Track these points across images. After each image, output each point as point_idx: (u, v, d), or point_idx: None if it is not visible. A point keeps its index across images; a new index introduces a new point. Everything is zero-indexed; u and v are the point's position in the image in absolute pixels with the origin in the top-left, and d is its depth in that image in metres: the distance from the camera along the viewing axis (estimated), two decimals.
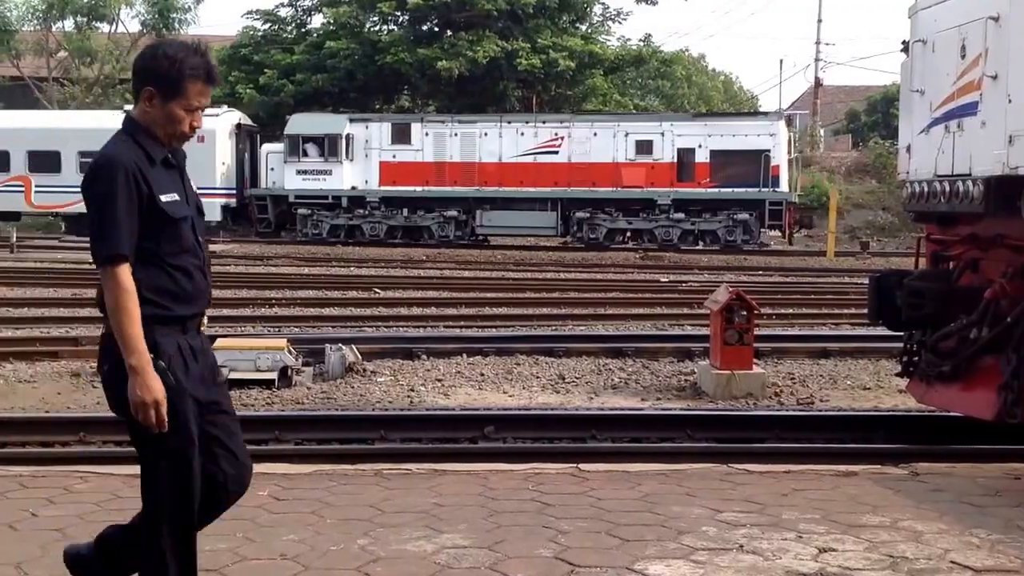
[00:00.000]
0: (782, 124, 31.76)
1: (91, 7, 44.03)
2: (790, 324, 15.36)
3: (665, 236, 31.74)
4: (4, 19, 43.26)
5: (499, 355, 12.02)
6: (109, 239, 3.40)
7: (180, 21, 45.29)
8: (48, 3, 43.35)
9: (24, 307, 16.38)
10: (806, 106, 50.69)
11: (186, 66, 3.53)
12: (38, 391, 10.10)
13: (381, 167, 33.03)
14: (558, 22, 40.75)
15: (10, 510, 5.25)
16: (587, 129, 32.31)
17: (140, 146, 3.53)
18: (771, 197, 30.81)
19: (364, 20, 40.52)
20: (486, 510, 5.37)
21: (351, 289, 19.95)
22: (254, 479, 5.90)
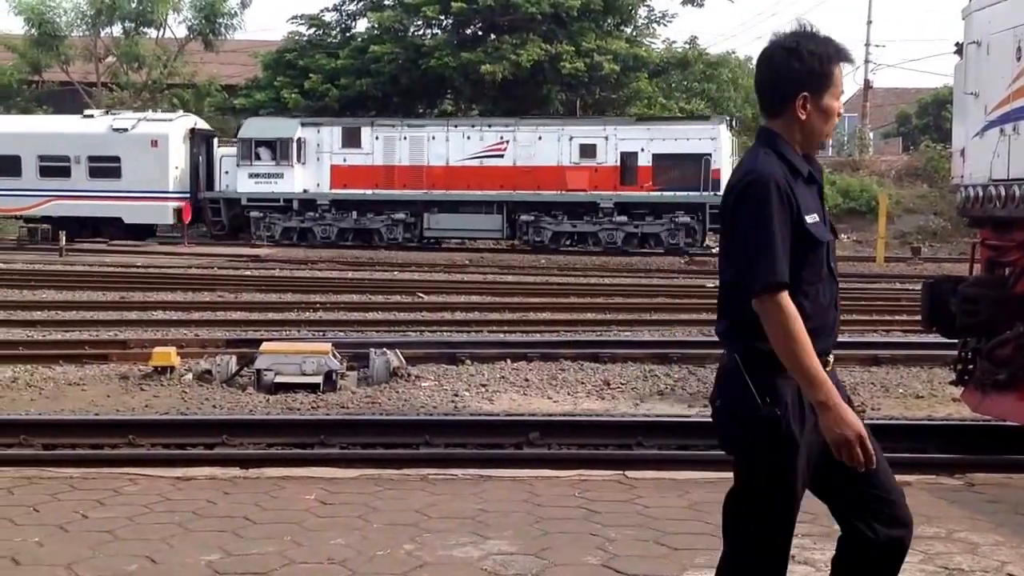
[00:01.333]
0: (723, 128, 32.05)
1: (139, 13, 44.55)
2: (840, 331, 15.16)
3: (609, 239, 32.03)
4: (54, 25, 43.85)
5: (543, 360, 11.97)
6: (768, 265, 3.04)
7: (226, 26, 45.74)
8: (97, 9, 43.89)
9: (73, 310, 16.55)
10: (855, 109, 50.16)
11: (829, 51, 3.23)
12: (87, 393, 10.19)
13: (332, 170, 33.42)
14: (602, 25, 40.65)
15: (61, 511, 5.29)
16: (532, 133, 32.69)
17: (785, 159, 3.19)
18: (711, 200, 30.67)
19: (408, 24, 40.64)
20: (532, 517, 5.33)
21: (395, 293, 20.00)
22: (301, 482, 5.97)
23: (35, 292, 19.28)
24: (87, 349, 12.21)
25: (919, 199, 38.69)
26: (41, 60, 44.61)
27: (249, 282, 21.64)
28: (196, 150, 35.28)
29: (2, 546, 4.72)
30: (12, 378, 10.72)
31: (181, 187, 34.60)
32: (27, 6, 43.23)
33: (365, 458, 7.32)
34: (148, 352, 11.30)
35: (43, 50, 44.08)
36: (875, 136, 49.16)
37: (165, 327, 14.55)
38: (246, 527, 5.08)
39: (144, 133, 34.29)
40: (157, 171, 33.88)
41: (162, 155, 33.90)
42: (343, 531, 5.03)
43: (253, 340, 12.39)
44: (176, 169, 34.36)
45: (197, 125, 36.09)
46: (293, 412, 9.39)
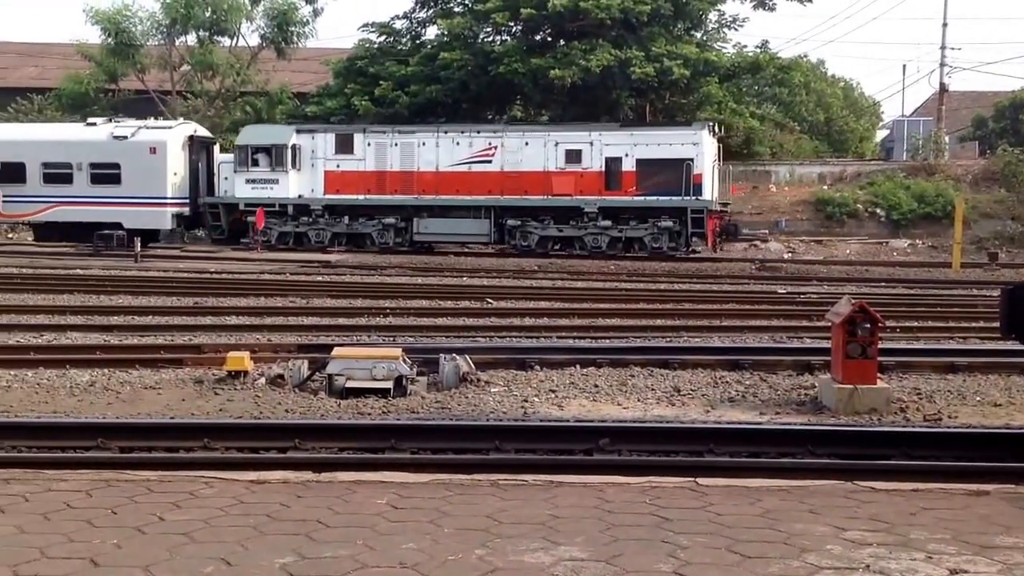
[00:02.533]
0: (705, 133, 32.16)
1: (213, 22, 45.29)
2: (915, 337, 14.92)
3: (594, 243, 32.38)
4: (130, 34, 44.76)
5: (613, 366, 11.93)
6: None
7: (298, 34, 46.30)
8: (172, 18, 44.73)
9: (148, 315, 16.84)
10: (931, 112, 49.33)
11: None
12: (163, 397, 10.36)
13: (326, 176, 34.18)
14: (672, 30, 40.49)
15: (138, 514, 5.37)
16: (519, 139, 33.14)
17: None
18: (693, 205, 31.36)
19: (478, 31, 40.85)
20: (603, 523, 5.30)
21: (463, 299, 20.05)
22: (372, 487, 6.01)
23: (112, 297, 19.66)
24: (162, 354, 12.42)
25: (996, 204, 37.91)
26: (117, 69, 45.58)
27: (320, 287, 21.87)
28: (195, 157, 35.99)
29: (81, 548, 4.80)
30: (90, 382, 10.94)
31: (180, 193, 35.37)
32: (104, 16, 44.21)
33: (435, 463, 7.35)
34: (222, 357, 11.45)
35: (119, 59, 45.04)
36: (951, 140, 48.24)
37: (238, 332, 14.74)
38: (319, 530, 5.12)
39: (143, 140, 35.01)
40: (155, 177, 34.63)
41: (160, 162, 34.61)
42: (414, 536, 5.04)
43: (324, 345, 12.52)
44: (175, 175, 35.07)
45: (197, 132, 36.79)
46: (364, 417, 9.46)
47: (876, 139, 61.62)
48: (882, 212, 38.39)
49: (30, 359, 11.88)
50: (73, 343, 13.58)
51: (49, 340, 13.91)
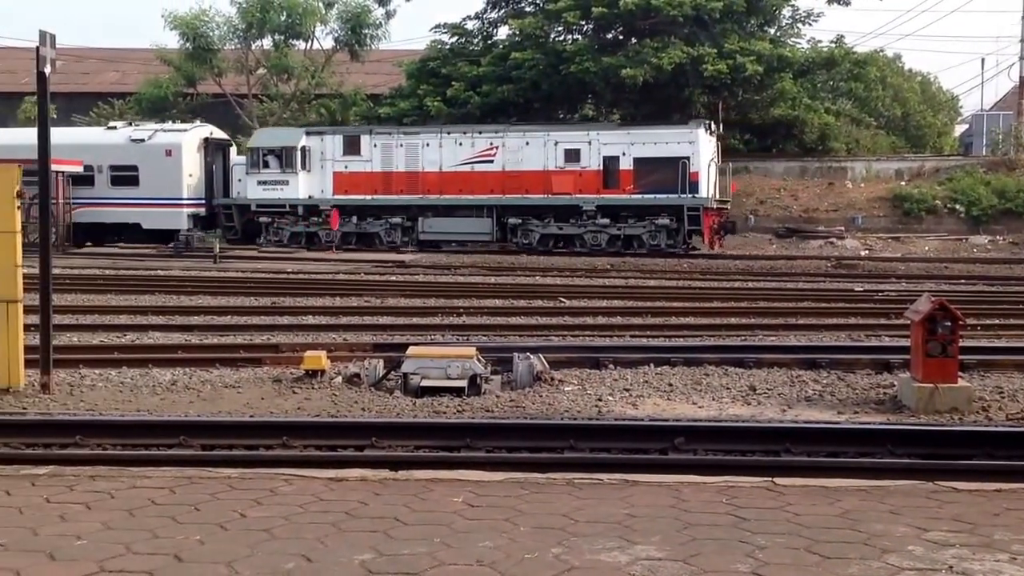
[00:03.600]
0: (701, 131, 32.33)
1: (288, 25, 45.83)
2: (996, 335, 14.61)
3: (593, 241, 32.86)
4: (207, 39, 45.49)
5: (687, 365, 11.86)
6: None
7: (372, 37, 46.66)
8: (248, 22, 45.34)
9: (227, 315, 17.12)
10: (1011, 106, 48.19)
11: None
12: (242, 396, 10.52)
13: (335, 177, 34.92)
14: (745, 26, 40.09)
15: (220, 510, 5.47)
16: (519, 139, 33.71)
17: None
18: (689, 203, 31.75)
19: (549, 30, 40.82)
20: (680, 523, 5.28)
21: (536, 298, 20.08)
22: (449, 485, 6.05)
23: (192, 298, 20.03)
24: (241, 353, 12.62)
25: None
26: (195, 73, 46.35)
27: (394, 287, 22.05)
28: (211, 159, 36.65)
29: (165, 544, 4.91)
30: (172, 381, 11.16)
31: (195, 194, 36.10)
32: (182, 21, 44.97)
33: (510, 461, 7.37)
34: (299, 356, 11.61)
35: (197, 63, 45.79)
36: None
37: (315, 331, 14.93)
38: (397, 528, 5.17)
39: (159, 143, 35.75)
40: (171, 179, 35.39)
41: (176, 164, 35.35)
42: (491, 534, 5.07)
43: (399, 344, 12.62)
44: (190, 177, 35.79)
45: (213, 135, 37.43)
46: (439, 415, 9.52)
47: (955, 134, 60.38)
48: (961, 208, 37.63)
49: (114, 359, 12.15)
50: (155, 343, 13.87)
51: (132, 340, 14.21)
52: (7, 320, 10.25)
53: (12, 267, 10.30)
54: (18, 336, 10.30)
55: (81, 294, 20.12)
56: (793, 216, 38.74)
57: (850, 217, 37.97)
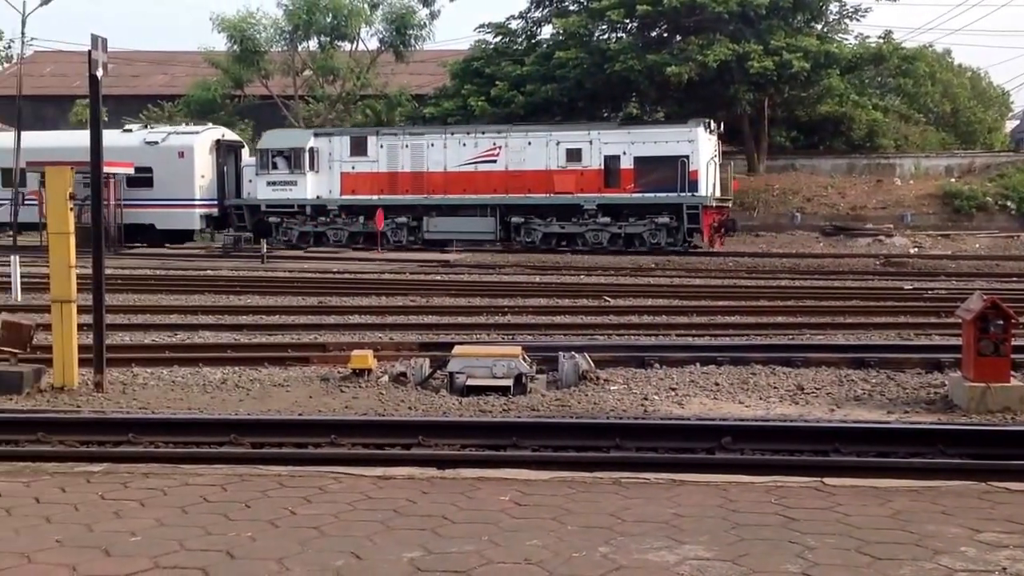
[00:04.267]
0: (700, 131, 32.51)
1: (334, 27, 46.14)
2: None
3: (595, 240, 33.20)
4: (254, 41, 45.91)
5: (734, 364, 11.80)
6: None
7: (416, 37, 46.85)
8: (295, 25, 45.71)
9: (275, 315, 17.27)
10: None
11: None
12: (291, 394, 10.62)
13: (342, 177, 35.49)
14: (792, 22, 39.79)
15: (271, 508, 5.53)
16: (522, 139, 34.06)
17: None
18: (688, 201, 31.96)
19: (593, 29, 40.77)
20: (728, 523, 5.26)
21: (581, 297, 20.06)
22: (495, 483, 6.07)
23: (240, 297, 20.23)
24: (290, 352, 12.73)
25: None
26: (243, 75, 46.81)
27: (439, 286, 22.13)
28: (222, 160, 37.15)
29: (218, 540, 4.97)
30: (222, 379, 11.28)
31: (207, 195, 36.67)
32: (230, 24, 45.42)
33: (557, 460, 7.38)
34: (346, 355, 11.69)
35: (244, 65, 46.24)
36: None
37: (361, 331, 15.02)
38: (445, 526, 5.20)
39: (172, 145, 36.36)
40: (184, 180, 35.99)
41: (188, 165, 35.95)
42: (538, 532, 5.08)
43: (445, 343, 12.68)
44: (202, 178, 36.36)
45: (225, 137, 38.01)
46: (485, 414, 9.55)
47: (1006, 130, 59.55)
48: (1013, 205, 37.11)
49: (165, 357, 12.31)
50: (205, 342, 14.02)
51: (183, 339, 14.38)
52: (62, 320, 10.42)
53: (66, 268, 10.47)
54: (72, 336, 10.47)
55: (132, 294, 20.39)
56: (840, 214, 38.41)
57: (899, 214, 37.59)
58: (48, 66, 58.49)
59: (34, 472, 6.38)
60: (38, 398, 10.17)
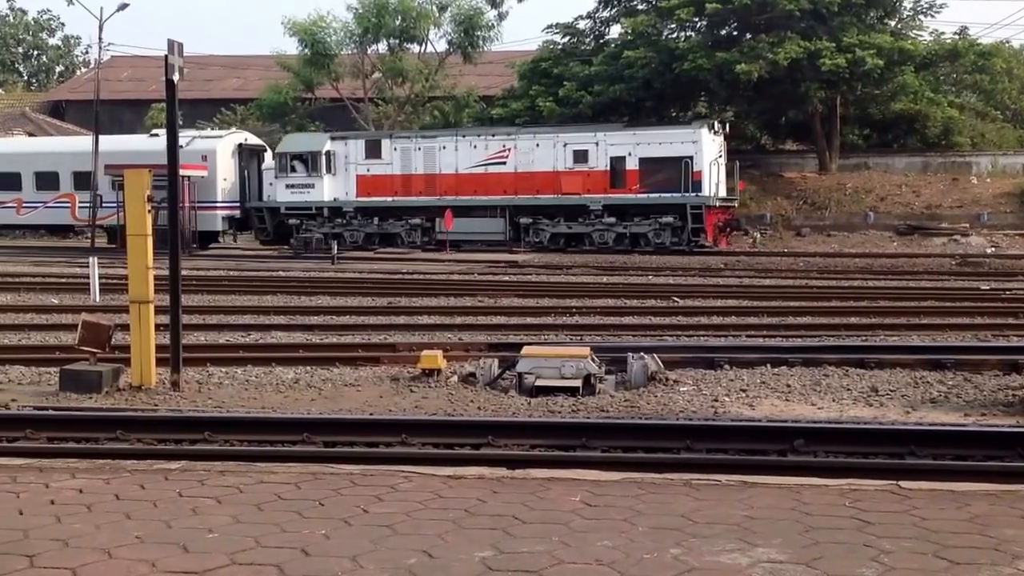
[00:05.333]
0: (704, 131, 32.97)
1: (403, 29, 46.47)
2: None
3: (601, 240, 33.69)
4: (325, 44, 46.40)
5: (806, 365, 11.68)
6: None
7: (484, 38, 46.99)
8: (364, 28, 46.11)
9: (346, 315, 17.45)
10: None
11: None
12: (361, 394, 10.72)
13: (358, 180, 36.25)
14: (865, 19, 39.19)
15: (343, 506, 5.59)
16: (530, 140, 34.76)
17: None
18: (692, 201, 32.38)
19: (661, 28, 40.55)
20: (801, 525, 5.21)
21: (649, 298, 19.99)
22: (566, 484, 6.08)
23: (311, 298, 20.47)
24: (360, 352, 12.85)
25: None
26: (313, 78, 47.32)
27: (507, 287, 22.19)
28: (244, 164, 37.92)
29: (292, 538, 5.03)
30: (294, 379, 11.43)
31: (230, 197, 37.50)
32: (301, 27, 45.95)
33: (626, 461, 7.37)
34: (416, 355, 11.77)
35: (315, 69, 46.74)
36: None
37: (430, 331, 15.12)
38: (515, 526, 5.21)
39: (196, 149, 36.80)
40: (207, 183, 36.64)
41: (211, 169, 36.58)
42: (609, 533, 5.08)
43: (513, 344, 12.71)
44: (224, 181, 37.12)
45: (247, 141, 38.80)
46: (554, 415, 9.56)
47: None
48: None
49: (239, 357, 12.51)
50: (278, 342, 14.23)
51: (256, 339, 14.60)
52: (140, 320, 10.64)
53: (144, 269, 10.68)
54: (150, 336, 10.68)
55: (207, 294, 20.74)
56: (915, 213, 37.78)
57: (975, 213, 36.85)
58: (125, 70, 59.68)
59: (113, 469, 6.52)
60: (116, 397, 10.39)
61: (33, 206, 39.37)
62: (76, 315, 15.04)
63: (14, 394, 10.55)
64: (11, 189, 39.18)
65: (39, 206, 39.30)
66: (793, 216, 38.81)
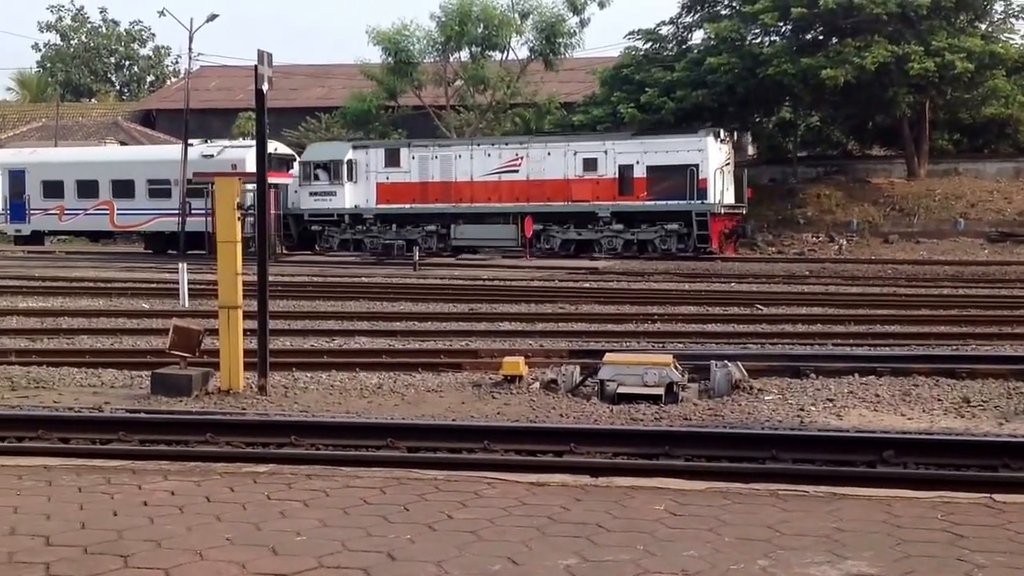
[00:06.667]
0: (710, 140, 33.71)
1: (485, 37, 46.63)
2: None
3: (609, 246, 34.57)
4: (408, 53, 46.78)
5: (894, 375, 11.48)
6: None
7: (566, 45, 46.93)
8: (447, 36, 46.39)
9: (428, 321, 17.58)
10: None
11: None
12: (444, 400, 10.78)
13: (378, 188, 37.25)
14: (954, 22, 38.41)
15: (428, 511, 5.63)
16: (542, 149, 35.78)
17: None
18: (697, 208, 33.17)
19: (745, 33, 40.15)
20: (892, 538, 5.12)
21: (732, 305, 19.80)
22: (649, 492, 6.04)
23: (394, 304, 20.65)
24: (442, 358, 12.94)
25: None
26: (396, 86, 47.72)
27: (588, 294, 22.14)
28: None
29: (378, 542, 5.08)
30: (378, 384, 11.54)
31: None
32: (385, 36, 46.38)
33: (711, 471, 7.29)
34: (498, 361, 11.81)
35: (398, 77, 47.12)
36: None
37: (511, 338, 15.15)
38: (599, 534, 5.19)
39: (226, 158, 38.03)
40: None
41: None
42: (695, 543, 5.04)
43: (595, 351, 12.68)
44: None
45: (276, 150, 39.26)
46: (637, 422, 9.51)
47: None
48: None
49: (324, 362, 12.67)
50: (361, 347, 14.37)
51: (340, 345, 14.77)
52: (229, 325, 10.84)
53: (234, 275, 10.88)
54: (239, 341, 10.87)
55: (292, 300, 21.04)
56: (1007, 219, 36.90)
57: None
58: (213, 80, 60.86)
59: (204, 472, 6.64)
60: (206, 400, 10.59)
61: (74, 213, 41.09)
62: (166, 320, 15.42)
63: (107, 397, 10.82)
64: (54, 197, 40.87)
65: (79, 213, 41.03)
66: (880, 223, 38.16)
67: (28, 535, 5.17)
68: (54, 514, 5.56)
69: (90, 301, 21.57)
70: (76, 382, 11.70)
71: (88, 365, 12.55)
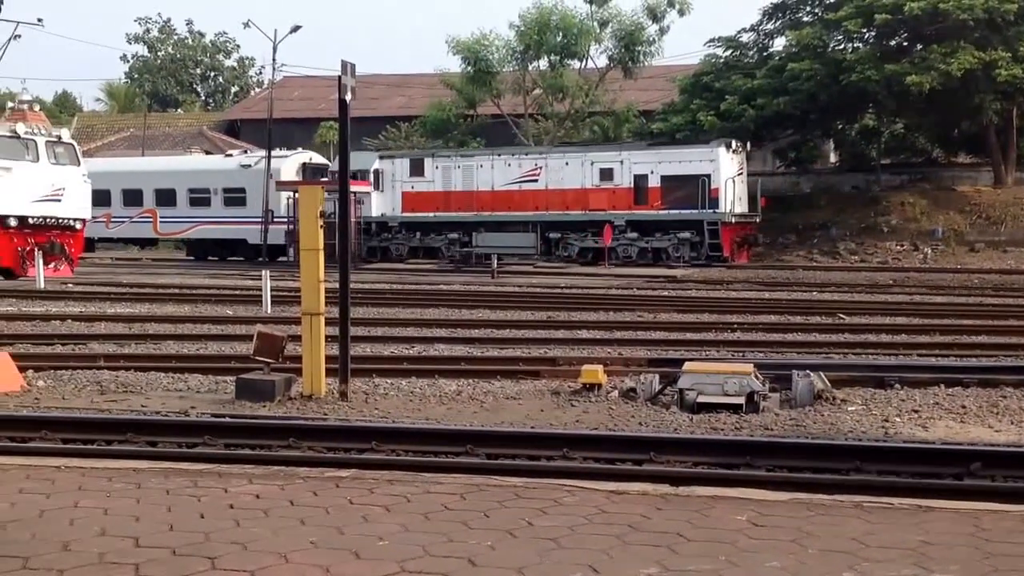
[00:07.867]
0: (722, 150, 34.62)
1: (563, 46, 46.69)
2: None
3: (624, 254, 35.54)
4: (487, 62, 47.04)
5: (982, 386, 11.21)
6: None
7: (645, 53, 46.81)
8: (526, 45, 46.56)
9: (506, 328, 17.62)
10: None
11: None
12: (522, 407, 10.79)
13: (403, 196, 38.63)
14: None
15: (508, 518, 5.65)
16: (560, 159, 37.10)
17: None
18: (709, 217, 34.15)
19: (828, 40, 39.65)
20: (980, 552, 5.02)
21: (814, 314, 19.53)
22: (731, 503, 6.00)
23: (472, 311, 20.75)
24: (521, 365, 12.95)
25: None
26: (475, 95, 48.02)
27: (666, 302, 22.04)
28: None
29: (459, 547, 5.12)
30: (456, 391, 11.60)
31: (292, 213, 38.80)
32: (465, 46, 46.70)
33: (793, 481, 7.20)
34: (576, 369, 11.79)
35: (477, 86, 47.42)
36: None
37: (590, 345, 15.12)
38: (680, 544, 5.17)
39: (263, 168, 39.20)
40: (273, 200, 38.63)
41: None
42: (777, 554, 4.99)
43: (674, 360, 12.60)
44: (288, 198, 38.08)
45: (312, 160, 40.79)
46: (717, 432, 9.44)
47: None
48: None
49: (404, 369, 12.76)
50: (440, 354, 14.46)
51: (419, 351, 14.88)
52: (311, 332, 10.99)
53: (316, 282, 11.04)
54: (321, 347, 11.02)
55: (372, 307, 21.26)
56: None
57: None
58: (296, 90, 61.82)
59: (287, 476, 6.75)
60: (288, 405, 10.74)
61: (120, 221, 42.73)
62: (250, 326, 15.67)
63: (193, 401, 11.03)
64: (101, 205, 41.97)
65: (125, 221, 42.68)
66: (966, 231, 37.40)
67: (118, 536, 5.30)
68: (143, 516, 5.70)
69: (176, 307, 22.02)
70: (163, 387, 11.94)
71: (174, 370, 12.80)
